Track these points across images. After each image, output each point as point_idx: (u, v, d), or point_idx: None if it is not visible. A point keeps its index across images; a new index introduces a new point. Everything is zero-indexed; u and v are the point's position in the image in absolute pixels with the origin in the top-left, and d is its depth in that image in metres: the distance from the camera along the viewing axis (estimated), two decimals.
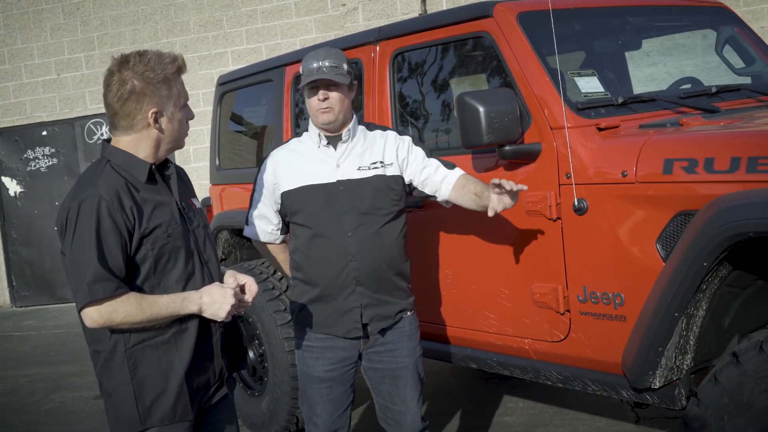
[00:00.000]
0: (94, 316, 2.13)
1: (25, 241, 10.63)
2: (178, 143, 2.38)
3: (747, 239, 2.34)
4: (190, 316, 2.26)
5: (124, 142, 2.28)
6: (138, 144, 2.27)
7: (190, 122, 2.39)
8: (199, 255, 2.34)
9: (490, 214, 2.79)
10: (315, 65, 2.85)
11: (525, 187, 2.75)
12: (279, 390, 4.33)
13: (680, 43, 4.60)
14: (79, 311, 2.14)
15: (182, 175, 2.48)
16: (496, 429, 4.39)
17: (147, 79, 2.20)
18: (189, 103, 2.38)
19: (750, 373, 2.29)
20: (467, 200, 2.95)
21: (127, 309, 2.14)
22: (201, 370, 2.34)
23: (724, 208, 2.37)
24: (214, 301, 2.22)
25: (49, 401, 5.93)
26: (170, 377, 2.26)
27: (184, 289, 2.27)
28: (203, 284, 2.30)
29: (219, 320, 2.26)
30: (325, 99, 2.85)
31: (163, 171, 2.37)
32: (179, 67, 2.29)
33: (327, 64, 2.84)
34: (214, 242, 2.48)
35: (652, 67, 4.91)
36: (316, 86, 2.86)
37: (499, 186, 2.72)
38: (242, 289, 2.34)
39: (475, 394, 5.02)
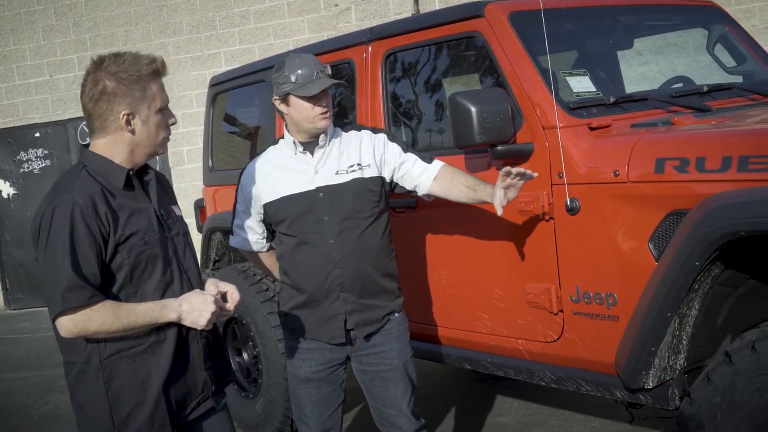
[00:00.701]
0: (69, 325, 2.07)
1: (18, 243, 10.60)
2: (156, 148, 2.29)
3: (738, 238, 2.34)
4: (169, 326, 2.20)
5: (99, 145, 2.22)
6: (113, 147, 2.21)
7: (179, 125, 2.35)
8: (178, 263, 2.29)
9: (499, 212, 2.78)
10: (310, 71, 2.83)
11: (536, 174, 2.75)
12: (273, 392, 4.32)
13: (672, 42, 4.61)
14: (53, 320, 2.08)
15: (162, 182, 2.42)
16: (491, 429, 4.39)
17: (119, 79, 2.15)
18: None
19: (742, 372, 2.29)
20: (457, 193, 2.94)
21: (102, 317, 2.07)
22: (181, 382, 2.27)
23: (715, 208, 2.37)
24: (194, 308, 2.17)
25: (43, 404, 5.92)
26: (147, 389, 2.20)
27: (161, 298, 2.21)
28: (182, 293, 2.24)
29: (199, 328, 2.20)
30: (326, 104, 2.86)
31: (142, 177, 2.31)
32: (156, 69, 2.22)
33: (322, 68, 2.85)
34: (194, 250, 2.41)
35: (645, 66, 4.91)
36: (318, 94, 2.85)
37: (508, 174, 2.70)
38: (224, 297, 2.28)
39: (470, 395, 5.02)
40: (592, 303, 2.89)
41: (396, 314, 3.01)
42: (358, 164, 2.93)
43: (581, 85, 3.21)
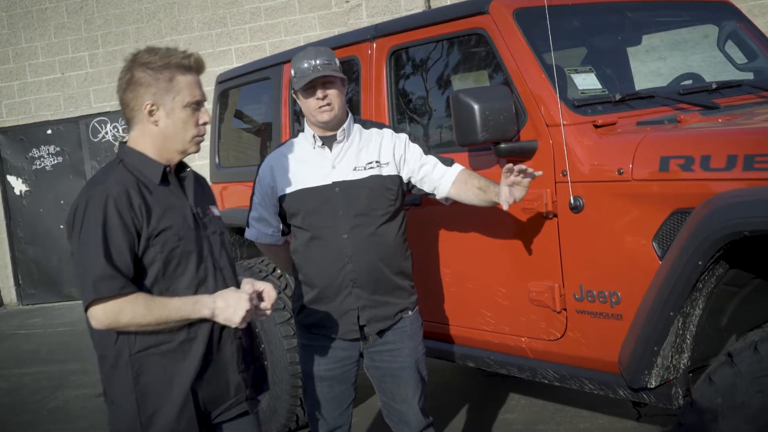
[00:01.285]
0: (100, 315, 2.06)
1: (31, 239, 10.67)
2: (186, 146, 2.23)
3: (743, 238, 2.32)
4: (201, 324, 2.17)
5: (133, 138, 2.23)
6: (143, 140, 2.21)
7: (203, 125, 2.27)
8: (214, 262, 2.25)
9: (505, 207, 2.76)
10: (307, 65, 2.84)
11: (540, 173, 2.74)
12: (278, 388, 4.33)
13: (687, 37, 4.57)
14: (86, 310, 2.08)
15: (201, 182, 2.39)
16: (498, 426, 4.39)
17: (146, 69, 2.15)
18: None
19: (744, 373, 2.27)
20: (470, 196, 2.93)
21: (134, 310, 2.06)
22: (212, 383, 2.23)
23: (719, 207, 2.35)
24: (229, 305, 2.11)
25: (52, 399, 5.95)
26: (175, 387, 2.16)
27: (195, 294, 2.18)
28: (216, 290, 2.20)
29: (233, 326, 2.14)
30: (325, 96, 2.84)
31: (179, 174, 2.29)
32: (189, 64, 2.19)
33: (319, 62, 2.83)
34: (230, 250, 2.37)
35: (659, 62, 4.87)
36: (312, 86, 2.84)
37: (511, 171, 2.69)
38: (260, 296, 2.23)
39: (477, 392, 5.01)
40: (595, 301, 2.87)
41: (409, 312, 3.01)
42: (377, 162, 2.92)
43: (586, 82, 3.18)
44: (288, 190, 2.95)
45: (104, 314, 2.06)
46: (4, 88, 10.65)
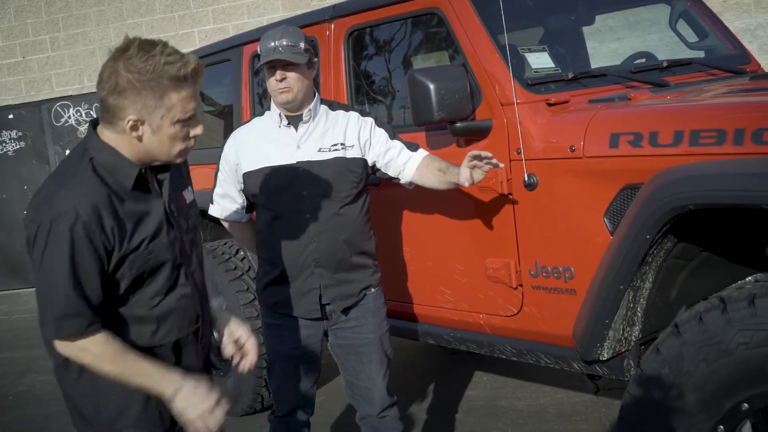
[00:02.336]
0: (61, 348, 1.91)
1: None
2: (170, 159, 1.99)
3: (689, 212, 2.36)
4: (166, 336, 2.04)
5: (107, 135, 1.95)
6: (120, 144, 1.94)
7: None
8: (185, 267, 2.10)
9: (466, 185, 2.77)
10: (272, 45, 2.81)
11: (501, 165, 2.76)
12: None
13: (644, 17, 4.61)
14: (46, 342, 1.91)
15: (179, 165, 2.16)
16: (461, 403, 4.43)
17: (135, 80, 1.84)
18: None
19: (690, 343, 2.32)
20: (431, 179, 2.94)
21: (100, 354, 1.90)
22: None
23: (665, 182, 2.38)
24: (188, 409, 1.94)
25: (19, 384, 5.90)
26: (135, 390, 2.00)
27: (159, 303, 2.03)
28: (183, 299, 2.07)
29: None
30: (283, 79, 2.82)
31: (157, 173, 2.06)
32: (185, 75, 1.86)
33: (284, 43, 2.80)
34: (201, 247, 2.22)
35: (616, 43, 4.92)
36: (273, 66, 2.83)
37: (477, 158, 2.71)
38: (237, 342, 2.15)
39: (441, 370, 5.06)
40: (550, 277, 2.91)
41: (372, 289, 3.02)
42: (342, 144, 2.91)
43: (540, 61, 3.21)
44: (252, 168, 2.94)
45: (66, 349, 1.91)
46: None
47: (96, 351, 1.90)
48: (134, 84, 1.84)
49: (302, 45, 2.84)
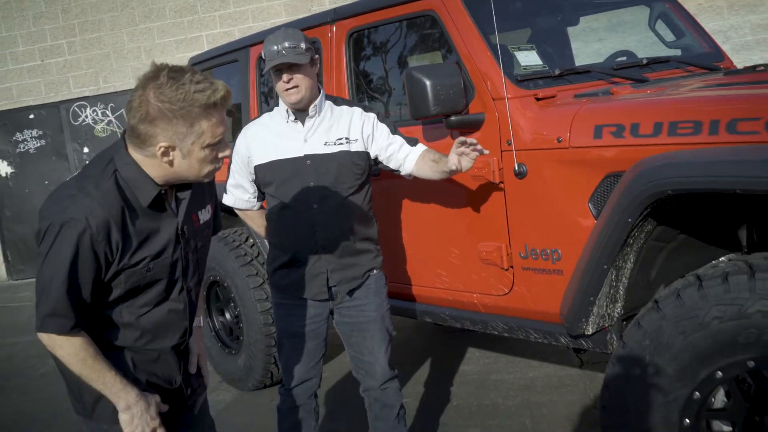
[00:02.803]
0: (43, 339, 1.90)
1: (18, 218, 10.50)
2: (199, 179, 1.95)
3: (667, 197, 2.39)
4: (147, 346, 2.04)
5: (135, 155, 1.91)
6: (147, 165, 1.91)
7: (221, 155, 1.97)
8: (182, 283, 2.07)
9: (454, 168, 2.77)
10: (275, 48, 2.82)
11: (487, 151, 2.77)
12: (254, 348, 4.36)
13: (625, 19, 4.63)
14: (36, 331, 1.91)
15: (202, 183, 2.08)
16: (456, 377, 4.46)
17: (166, 109, 1.79)
18: None
19: (668, 317, 2.35)
20: (427, 170, 2.95)
21: (71, 353, 1.88)
22: (153, 378, 2.09)
23: (646, 169, 2.41)
24: (134, 422, 1.96)
25: (43, 365, 5.91)
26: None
27: (147, 313, 2.01)
28: (172, 313, 2.06)
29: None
30: (290, 80, 2.83)
31: (178, 191, 2.01)
32: (215, 102, 1.81)
33: (286, 45, 2.80)
34: (204, 263, 2.19)
35: (599, 43, 4.93)
36: (279, 69, 2.84)
37: (464, 143, 2.73)
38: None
39: (437, 347, 5.09)
40: (538, 259, 2.94)
41: (375, 271, 3.04)
42: (346, 138, 2.92)
43: (528, 59, 3.23)
44: (262, 161, 2.95)
45: (45, 339, 1.90)
46: None
47: (69, 351, 1.88)
48: (165, 113, 1.79)
49: (303, 45, 2.84)
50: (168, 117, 1.79)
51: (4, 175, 10.50)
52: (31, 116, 10.34)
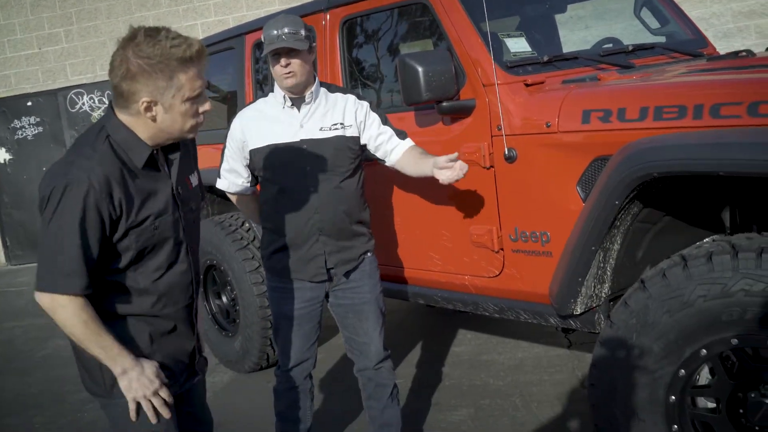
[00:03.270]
0: (44, 301, 1.89)
1: (16, 204, 10.46)
2: (183, 134, 1.98)
3: (653, 179, 2.40)
4: (163, 310, 2.06)
5: (123, 118, 1.95)
6: (135, 126, 1.94)
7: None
8: (187, 244, 2.09)
9: (430, 174, 2.84)
10: (275, 33, 2.80)
11: (466, 167, 2.79)
12: (250, 330, 4.37)
13: (610, 8, 4.63)
14: (36, 290, 1.90)
15: (189, 146, 2.15)
16: (448, 358, 4.49)
17: (145, 63, 1.82)
18: None
19: (654, 296, 2.36)
20: (409, 165, 2.98)
21: (73, 315, 1.87)
22: (170, 352, 2.11)
23: (632, 153, 2.41)
24: (132, 387, 1.96)
25: (43, 348, 5.92)
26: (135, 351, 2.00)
27: (161, 277, 2.03)
28: (182, 274, 2.08)
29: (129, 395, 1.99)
30: (288, 65, 2.82)
31: (168, 153, 2.05)
32: (191, 56, 1.85)
33: (286, 31, 2.80)
34: (199, 227, 2.23)
35: (585, 31, 4.93)
36: (278, 53, 2.82)
37: (453, 161, 2.77)
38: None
39: (430, 329, 5.11)
40: (528, 241, 2.95)
41: (369, 254, 3.05)
42: (341, 123, 2.92)
43: (518, 45, 3.22)
44: (259, 145, 2.95)
45: (47, 301, 1.88)
46: None
47: (71, 311, 1.87)
48: (145, 68, 1.83)
49: (303, 32, 2.83)
50: (147, 72, 1.83)
51: (2, 161, 10.45)
52: (29, 103, 10.27)
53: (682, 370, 2.35)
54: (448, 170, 2.79)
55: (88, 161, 1.87)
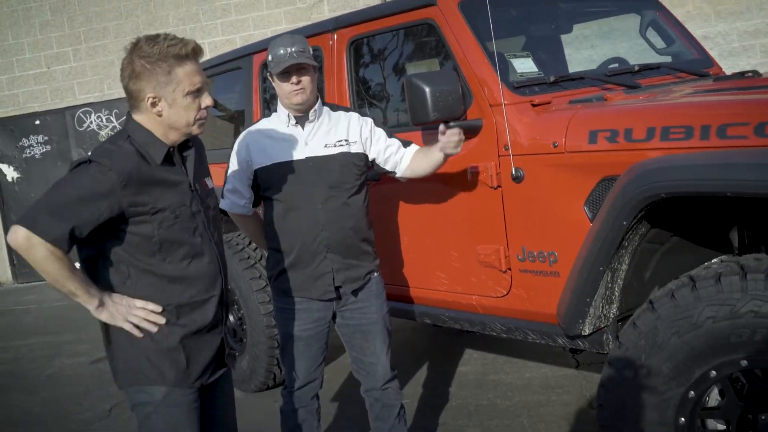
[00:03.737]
0: (20, 237, 1.97)
1: None
2: (190, 129, 2.13)
3: (661, 200, 2.40)
4: (193, 298, 2.16)
5: (139, 119, 2.13)
6: (150, 124, 2.11)
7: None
8: (209, 236, 2.21)
9: (439, 151, 2.88)
10: (283, 52, 2.83)
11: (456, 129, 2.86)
12: (257, 349, 4.36)
13: (616, 27, 4.64)
14: (15, 224, 1.99)
15: (201, 153, 2.30)
16: (455, 377, 4.46)
17: (145, 62, 2.03)
18: None
19: (663, 317, 2.35)
20: (418, 164, 2.99)
21: (44, 256, 1.98)
22: (203, 342, 2.21)
23: (640, 173, 2.42)
24: (116, 312, 2.10)
25: (49, 367, 5.91)
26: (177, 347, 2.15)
27: (189, 266, 2.15)
28: (209, 265, 2.19)
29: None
30: (299, 81, 2.84)
31: (183, 151, 2.20)
32: (186, 53, 2.05)
33: (295, 49, 2.83)
34: (221, 224, 2.35)
35: (591, 50, 4.95)
36: (288, 71, 2.84)
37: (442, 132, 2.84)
38: None
39: (435, 348, 5.09)
40: (536, 261, 2.95)
41: (375, 274, 3.04)
42: (346, 140, 2.94)
43: (524, 66, 3.24)
44: (264, 164, 2.95)
45: (23, 239, 1.97)
46: None
47: (45, 253, 1.98)
48: (146, 66, 2.03)
49: (310, 50, 2.88)
50: (148, 69, 2.04)
51: (10, 179, 10.50)
52: (37, 122, 10.34)
53: (692, 392, 2.33)
54: (451, 141, 2.83)
55: (111, 154, 2.05)
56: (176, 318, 2.16)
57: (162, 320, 2.13)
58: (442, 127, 2.87)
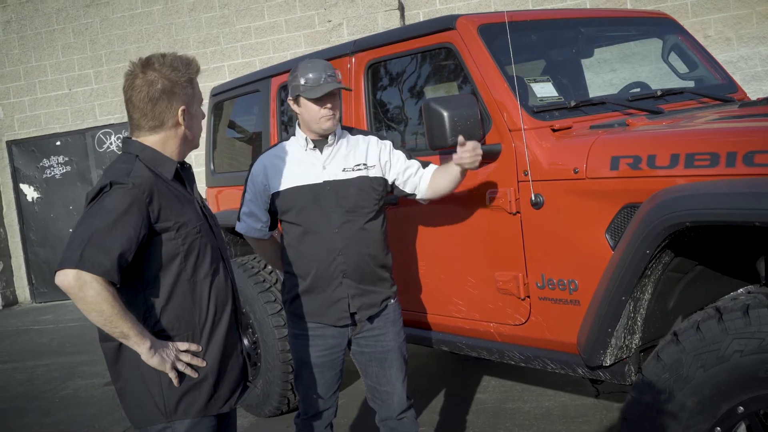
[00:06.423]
0: (70, 278, 1.90)
1: (42, 242, 10.57)
2: (197, 141, 2.24)
3: (685, 228, 2.34)
4: (223, 312, 2.16)
5: (150, 140, 2.13)
6: (165, 143, 2.14)
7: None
8: (221, 252, 2.23)
9: (457, 164, 2.85)
10: (316, 75, 2.81)
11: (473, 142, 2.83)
12: (271, 374, 4.31)
13: (636, 51, 4.60)
14: (60, 269, 1.92)
15: (190, 175, 2.31)
16: (472, 405, 4.39)
17: (175, 78, 2.09)
18: None
19: (688, 350, 2.29)
20: (438, 181, 2.96)
21: (98, 293, 1.90)
22: (228, 368, 2.19)
23: (664, 201, 2.36)
24: (166, 356, 2.04)
25: (63, 388, 5.89)
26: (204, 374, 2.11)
27: (211, 285, 2.13)
28: (225, 281, 2.19)
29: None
30: (332, 106, 2.83)
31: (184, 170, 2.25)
32: (197, 68, 2.19)
33: (329, 74, 2.83)
34: (225, 245, 2.36)
35: (611, 74, 4.91)
36: (322, 96, 2.82)
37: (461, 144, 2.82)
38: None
39: (452, 375, 5.02)
40: (555, 289, 2.89)
41: (392, 300, 3.00)
42: (364, 164, 2.92)
43: (544, 90, 3.20)
44: (281, 188, 2.93)
45: (76, 279, 1.90)
46: (16, 103, 10.56)
47: (99, 289, 1.90)
48: (176, 83, 2.10)
49: (339, 74, 2.88)
50: (179, 84, 2.11)
51: (30, 199, 10.60)
52: (58, 143, 10.45)
53: (718, 428, 2.26)
54: (465, 154, 2.79)
55: (128, 170, 2.05)
56: (206, 345, 2.12)
57: (203, 364, 2.10)
58: (461, 138, 2.82)
